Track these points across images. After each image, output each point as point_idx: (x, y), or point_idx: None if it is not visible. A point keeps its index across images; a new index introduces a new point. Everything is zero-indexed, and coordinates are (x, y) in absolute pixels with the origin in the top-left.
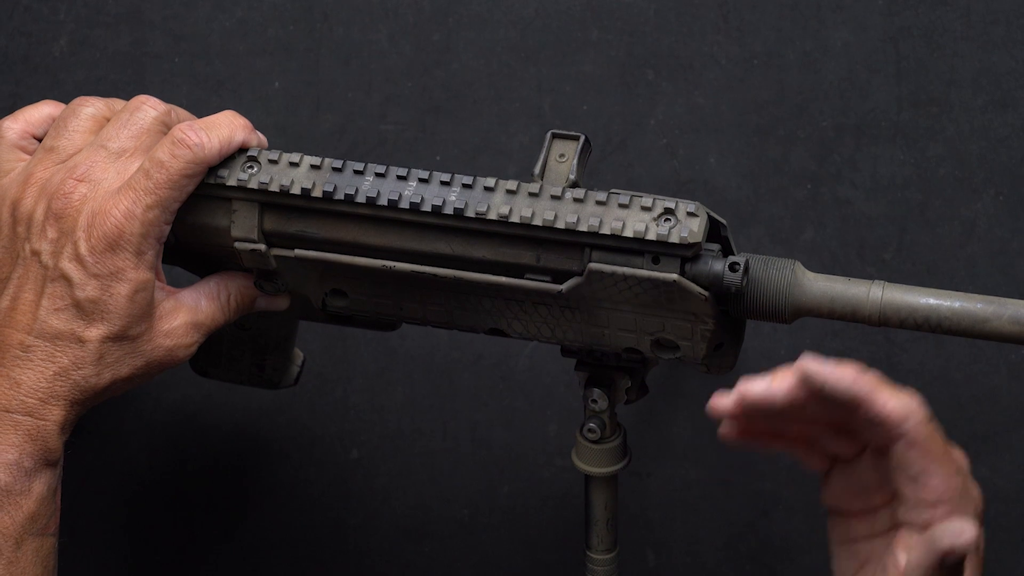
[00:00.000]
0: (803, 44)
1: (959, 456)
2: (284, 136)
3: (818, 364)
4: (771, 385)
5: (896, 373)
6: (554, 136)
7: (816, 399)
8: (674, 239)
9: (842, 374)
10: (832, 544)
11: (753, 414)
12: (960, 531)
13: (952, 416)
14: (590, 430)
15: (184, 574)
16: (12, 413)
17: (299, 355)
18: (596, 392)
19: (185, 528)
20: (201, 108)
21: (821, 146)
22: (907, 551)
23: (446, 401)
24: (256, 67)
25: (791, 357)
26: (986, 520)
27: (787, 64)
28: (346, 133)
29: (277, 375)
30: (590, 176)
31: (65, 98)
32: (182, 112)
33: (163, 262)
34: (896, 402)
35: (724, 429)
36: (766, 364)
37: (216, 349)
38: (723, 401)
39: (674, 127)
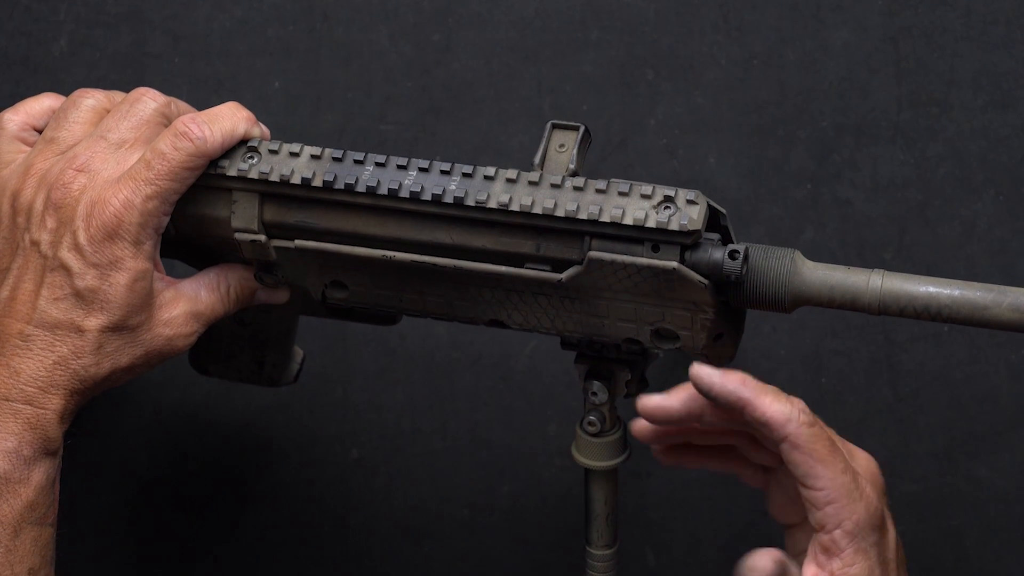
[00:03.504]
0: (803, 44)
1: (863, 459)
2: (284, 136)
3: (706, 369)
4: (666, 396)
5: (896, 373)
6: (554, 126)
7: (712, 408)
8: (674, 227)
9: (726, 379)
10: (791, 558)
11: (663, 429)
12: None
13: (952, 416)
14: (590, 423)
15: (184, 574)
16: (12, 402)
17: (299, 352)
18: (596, 385)
19: (185, 528)
20: (201, 108)
21: (821, 146)
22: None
23: (446, 401)
24: (256, 67)
25: (791, 356)
26: (986, 520)
27: (787, 64)
28: (346, 133)
29: (277, 372)
30: (590, 176)
31: (65, 96)
32: (182, 104)
33: (162, 255)
34: (778, 406)
35: (653, 448)
36: (766, 364)
37: (216, 345)
38: (637, 424)
39: (674, 127)
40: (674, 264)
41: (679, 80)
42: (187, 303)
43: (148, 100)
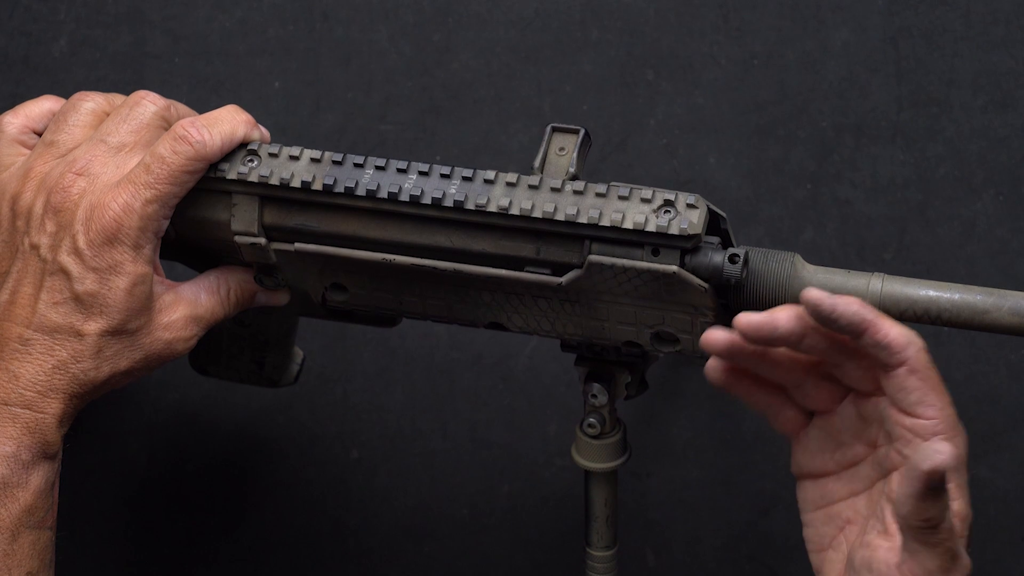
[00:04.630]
0: (803, 44)
1: None
2: (284, 136)
3: (822, 292)
4: (773, 315)
5: None
6: (554, 130)
7: (814, 332)
8: (674, 231)
9: (847, 301)
10: (804, 512)
11: (745, 351)
12: (936, 450)
13: None
14: (590, 425)
15: (184, 574)
16: (11, 406)
17: (299, 353)
18: (596, 387)
19: (185, 528)
20: (201, 108)
21: (821, 146)
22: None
23: (446, 401)
24: (256, 67)
25: None
26: (986, 520)
27: (787, 64)
28: (346, 133)
29: (277, 373)
30: (590, 176)
31: (65, 97)
32: (182, 107)
33: (162, 257)
34: (899, 329)
35: (711, 366)
36: None
37: (216, 347)
38: (718, 334)
39: (674, 127)
40: (674, 268)
41: (679, 80)
42: (187, 307)
43: (148, 103)
